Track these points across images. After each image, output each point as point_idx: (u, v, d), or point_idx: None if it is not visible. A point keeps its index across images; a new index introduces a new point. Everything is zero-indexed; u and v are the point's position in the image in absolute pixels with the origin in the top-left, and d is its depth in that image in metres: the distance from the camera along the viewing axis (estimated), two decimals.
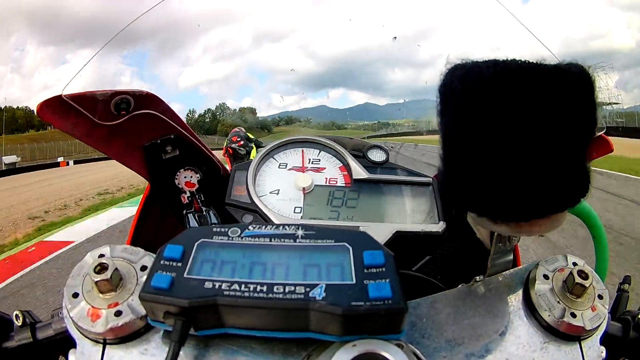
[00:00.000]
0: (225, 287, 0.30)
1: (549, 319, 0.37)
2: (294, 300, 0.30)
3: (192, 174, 0.66)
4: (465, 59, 0.29)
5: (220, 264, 0.32)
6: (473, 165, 0.29)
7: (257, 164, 0.64)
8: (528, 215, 0.31)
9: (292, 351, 0.33)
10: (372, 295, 0.30)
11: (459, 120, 0.29)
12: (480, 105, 0.28)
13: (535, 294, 0.38)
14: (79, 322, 0.33)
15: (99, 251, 0.37)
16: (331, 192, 0.62)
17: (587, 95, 0.28)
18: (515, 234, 0.34)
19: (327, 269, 0.32)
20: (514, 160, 0.28)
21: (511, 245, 0.42)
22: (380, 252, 0.33)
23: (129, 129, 0.56)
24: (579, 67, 0.28)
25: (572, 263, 0.41)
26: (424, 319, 0.37)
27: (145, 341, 0.34)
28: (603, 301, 0.38)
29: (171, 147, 0.63)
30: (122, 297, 0.34)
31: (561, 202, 0.30)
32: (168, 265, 0.32)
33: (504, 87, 0.27)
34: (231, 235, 0.35)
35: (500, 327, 0.37)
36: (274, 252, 0.34)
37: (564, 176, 0.29)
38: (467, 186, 0.30)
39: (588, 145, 0.29)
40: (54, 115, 0.48)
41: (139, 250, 0.37)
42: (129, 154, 0.61)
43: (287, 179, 0.63)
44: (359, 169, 0.65)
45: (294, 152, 0.68)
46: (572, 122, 0.28)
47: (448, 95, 0.29)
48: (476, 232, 0.38)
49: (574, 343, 0.37)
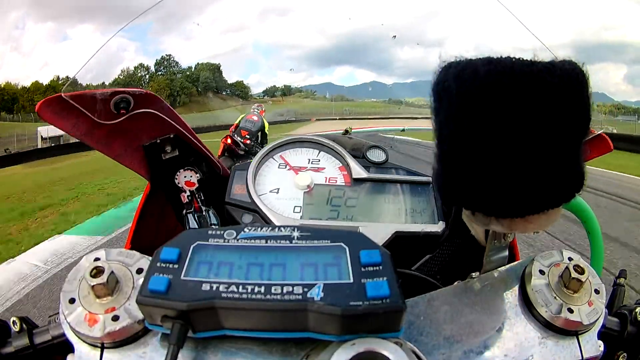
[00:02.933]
0: (223, 289, 0.30)
1: (546, 314, 0.37)
2: (292, 300, 0.29)
3: (192, 173, 0.66)
4: (459, 57, 0.29)
5: (217, 265, 0.32)
6: (467, 162, 0.29)
7: (257, 163, 0.64)
8: (522, 211, 0.31)
9: (291, 351, 0.33)
10: (370, 294, 0.30)
11: (453, 118, 0.29)
12: (475, 102, 0.28)
13: (532, 290, 0.38)
14: (77, 327, 0.33)
15: (94, 255, 0.37)
16: (331, 191, 0.62)
17: (580, 91, 0.28)
18: (510, 230, 0.34)
19: (324, 268, 0.32)
20: (508, 157, 0.28)
21: (506, 241, 0.42)
22: (377, 251, 0.33)
23: (129, 128, 0.56)
24: (572, 63, 0.29)
25: (568, 258, 0.41)
26: (422, 317, 0.37)
27: (143, 344, 0.34)
28: (600, 296, 0.39)
29: (171, 147, 0.63)
30: (119, 301, 0.34)
31: (555, 198, 0.30)
32: (164, 267, 0.32)
33: (498, 84, 0.27)
34: (227, 237, 0.35)
35: (498, 324, 0.38)
36: (271, 253, 0.33)
37: (558, 172, 0.29)
38: (461, 183, 0.30)
39: (582, 141, 0.29)
40: (54, 114, 0.48)
41: (134, 253, 0.37)
42: (128, 153, 0.61)
43: (287, 179, 0.64)
44: (358, 169, 0.65)
45: (293, 152, 0.69)
46: (566, 118, 0.28)
47: (442, 93, 0.30)
48: (471, 229, 0.39)
49: (571, 338, 0.37)
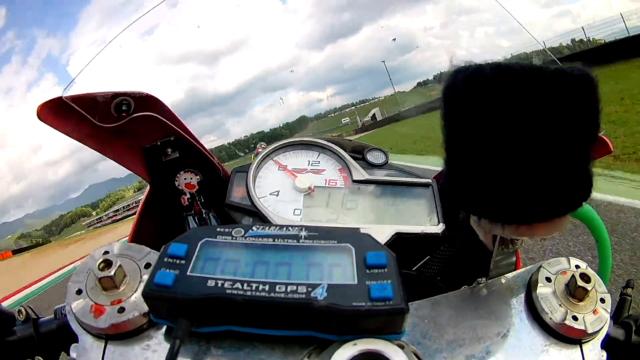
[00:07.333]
0: (228, 286, 0.30)
1: (551, 322, 0.37)
2: (296, 299, 0.30)
3: (192, 175, 0.66)
4: (469, 62, 0.29)
5: (224, 262, 0.32)
6: (476, 168, 0.29)
7: (257, 166, 0.64)
8: (530, 218, 0.31)
9: (294, 349, 0.33)
10: (374, 296, 0.30)
11: (462, 123, 0.29)
12: (484, 108, 0.28)
13: (537, 297, 0.38)
14: (82, 317, 0.33)
15: (104, 248, 0.37)
16: (330, 193, 0.62)
17: (589, 97, 0.28)
18: (517, 236, 0.34)
19: (330, 269, 0.32)
20: (517, 163, 0.28)
21: (514, 247, 0.42)
22: (383, 254, 0.33)
23: (130, 130, 0.56)
24: (582, 69, 0.28)
25: (575, 266, 0.41)
26: (425, 320, 0.37)
27: (147, 337, 0.34)
28: (605, 305, 0.38)
29: (171, 149, 0.63)
30: (125, 294, 0.34)
31: (563, 205, 0.30)
32: (171, 262, 0.32)
33: (507, 89, 0.27)
34: (235, 235, 0.35)
35: (502, 330, 0.37)
36: (277, 252, 0.34)
37: (566, 179, 0.29)
38: (469, 189, 0.30)
39: (590, 148, 0.29)
40: (54, 117, 0.47)
41: (143, 248, 0.38)
42: (129, 155, 0.61)
43: (286, 181, 0.64)
44: (358, 171, 0.65)
45: (293, 154, 0.69)
46: (575, 125, 0.28)
47: (451, 98, 0.30)
48: (479, 235, 0.39)
49: (575, 346, 0.37)
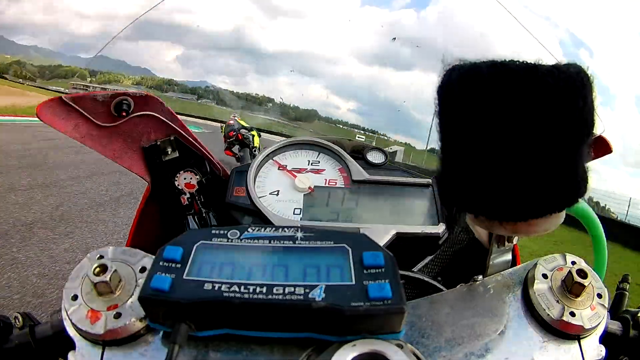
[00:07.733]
0: (225, 289, 0.30)
1: (548, 318, 0.37)
2: (293, 301, 0.29)
3: (192, 175, 0.66)
4: (463, 60, 0.29)
5: (220, 265, 0.32)
6: (471, 165, 0.29)
7: (257, 165, 0.64)
8: (525, 215, 0.31)
9: (292, 351, 0.33)
10: (372, 296, 0.30)
11: (457, 121, 0.29)
12: (479, 105, 0.28)
13: (534, 293, 0.38)
14: (78, 323, 0.33)
15: (98, 253, 0.37)
16: (330, 193, 0.62)
17: (585, 95, 0.28)
18: (513, 233, 0.34)
19: (327, 270, 0.32)
20: (512, 160, 0.28)
21: (510, 245, 0.42)
22: (380, 253, 0.33)
23: (129, 130, 0.56)
24: (577, 67, 0.28)
25: (571, 262, 0.41)
26: (424, 319, 0.37)
27: (145, 342, 0.34)
28: (602, 300, 0.39)
29: (171, 149, 0.63)
30: (121, 299, 0.34)
31: (559, 202, 0.30)
32: (167, 266, 0.32)
33: (502, 87, 0.27)
34: (230, 237, 0.35)
35: (500, 327, 0.37)
36: (274, 253, 0.33)
37: (562, 176, 0.29)
38: (465, 186, 0.30)
39: (586, 145, 0.29)
40: (54, 117, 0.48)
41: (137, 251, 0.37)
42: (128, 155, 0.61)
43: (286, 180, 0.64)
44: (358, 171, 0.65)
45: (293, 154, 0.69)
46: (570, 121, 0.28)
47: (446, 96, 0.30)
48: (474, 232, 0.39)
49: (573, 342, 0.37)
